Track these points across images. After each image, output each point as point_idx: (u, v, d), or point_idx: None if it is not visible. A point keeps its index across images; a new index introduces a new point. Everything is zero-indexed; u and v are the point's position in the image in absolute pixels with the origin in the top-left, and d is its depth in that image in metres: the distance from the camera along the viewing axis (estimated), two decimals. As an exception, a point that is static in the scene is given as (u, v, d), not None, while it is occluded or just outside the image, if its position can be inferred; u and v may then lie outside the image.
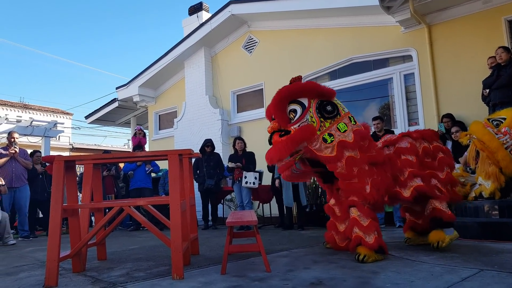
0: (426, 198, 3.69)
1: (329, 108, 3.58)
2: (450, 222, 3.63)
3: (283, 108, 3.58)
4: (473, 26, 6.47)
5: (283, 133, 3.52)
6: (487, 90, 5.65)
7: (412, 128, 6.81)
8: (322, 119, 3.54)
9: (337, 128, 3.52)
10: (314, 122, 3.51)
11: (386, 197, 3.52)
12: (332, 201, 3.93)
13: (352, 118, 3.67)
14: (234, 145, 7.51)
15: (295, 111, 3.57)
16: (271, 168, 7.01)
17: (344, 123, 3.57)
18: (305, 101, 3.59)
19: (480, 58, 6.16)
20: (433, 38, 6.83)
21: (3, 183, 6.38)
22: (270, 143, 3.64)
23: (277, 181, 6.83)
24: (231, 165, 7.27)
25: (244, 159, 7.24)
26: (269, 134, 3.64)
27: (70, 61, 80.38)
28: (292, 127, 3.50)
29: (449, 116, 6.27)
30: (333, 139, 3.46)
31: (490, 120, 4.55)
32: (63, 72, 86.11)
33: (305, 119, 3.53)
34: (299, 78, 3.80)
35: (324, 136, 3.47)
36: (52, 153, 12.52)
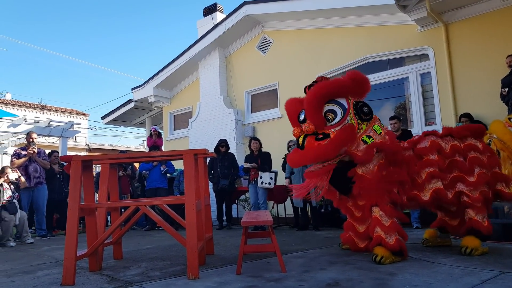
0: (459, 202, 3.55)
1: (366, 109, 3.45)
2: (486, 235, 3.43)
3: (321, 108, 3.30)
4: (491, 24, 6.35)
5: (320, 136, 3.28)
6: (506, 89, 5.55)
7: (429, 128, 6.73)
8: (359, 121, 3.39)
9: (374, 130, 3.43)
10: (353, 124, 3.36)
11: (404, 197, 3.46)
12: (349, 202, 3.86)
13: (380, 121, 3.60)
14: (249, 145, 7.50)
15: (333, 112, 3.31)
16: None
17: (377, 125, 3.48)
18: (343, 101, 3.37)
19: (499, 56, 6.03)
20: (450, 37, 6.72)
21: (20, 174, 6.51)
22: (301, 146, 3.37)
23: (287, 180, 6.80)
24: (246, 165, 7.26)
25: (260, 159, 7.23)
26: (298, 137, 3.38)
27: (85, 62, 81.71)
28: (332, 130, 3.27)
29: (467, 115, 6.15)
30: (372, 140, 3.36)
31: (511, 120, 4.43)
32: (78, 73, 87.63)
33: (347, 121, 3.32)
34: (326, 78, 3.53)
35: (363, 138, 3.35)
36: (69, 153, 12.74)
